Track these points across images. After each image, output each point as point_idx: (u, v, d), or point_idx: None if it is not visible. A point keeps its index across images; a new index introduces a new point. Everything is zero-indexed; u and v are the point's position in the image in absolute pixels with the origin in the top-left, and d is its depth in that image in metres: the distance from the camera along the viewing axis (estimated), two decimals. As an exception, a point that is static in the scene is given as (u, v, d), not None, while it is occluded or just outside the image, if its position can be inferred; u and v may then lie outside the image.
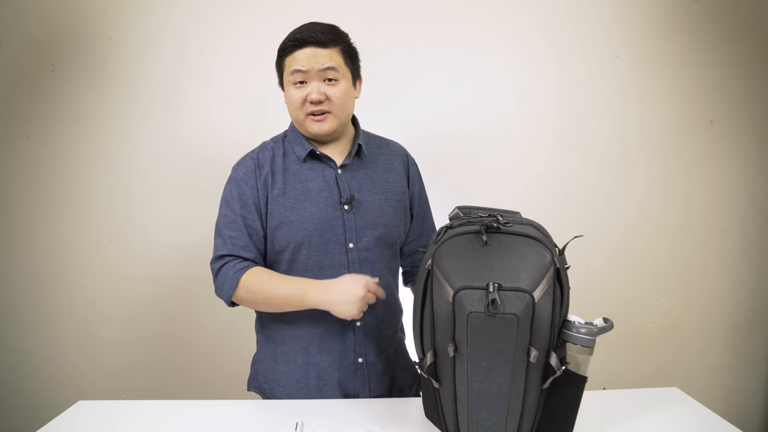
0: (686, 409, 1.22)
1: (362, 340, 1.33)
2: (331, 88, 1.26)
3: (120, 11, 2.09)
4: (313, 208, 1.28)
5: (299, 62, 1.24)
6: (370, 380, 1.35)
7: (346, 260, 1.29)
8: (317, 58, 1.24)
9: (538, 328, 0.90)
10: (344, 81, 1.27)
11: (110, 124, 2.13)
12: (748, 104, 2.25)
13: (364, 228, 1.30)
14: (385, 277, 1.33)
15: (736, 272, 2.32)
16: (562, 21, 2.17)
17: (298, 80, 1.25)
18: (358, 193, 1.31)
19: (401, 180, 1.40)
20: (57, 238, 2.16)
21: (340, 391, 1.33)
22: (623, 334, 2.24)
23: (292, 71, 1.25)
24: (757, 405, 2.39)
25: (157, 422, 1.20)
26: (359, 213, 1.30)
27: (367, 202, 1.32)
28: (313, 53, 1.24)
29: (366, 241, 1.31)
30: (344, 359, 1.32)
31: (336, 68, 1.25)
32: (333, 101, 1.26)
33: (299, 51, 1.24)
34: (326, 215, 1.28)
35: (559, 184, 2.23)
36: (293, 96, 1.27)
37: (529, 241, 0.95)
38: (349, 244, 1.29)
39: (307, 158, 1.32)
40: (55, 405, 1.59)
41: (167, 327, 2.21)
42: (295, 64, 1.25)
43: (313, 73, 1.24)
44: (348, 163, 1.33)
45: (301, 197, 1.28)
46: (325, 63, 1.24)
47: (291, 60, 1.26)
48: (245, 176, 1.30)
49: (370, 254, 1.31)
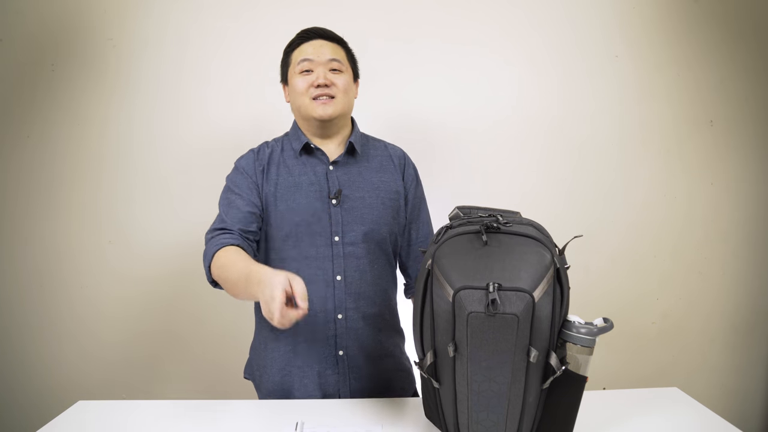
0: (686, 409, 1.22)
1: (344, 333, 1.33)
2: (336, 76, 1.33)
3: (120, 11, 2.09)
4: (302, 200, 1.32)
5: (307, 52, 1.33)
6: (350, 374, 1.35)
7: (330, 252, 1.32)
8: (324, 49, 1.33)
9: (538, 328, 0.90)
10: (347, 74, 1.36)
11: (110, 123, 2.13)
12: (748, 104, 2.25)
13: (351, 223, 1.33)
14: (371, 273, 1.35)
15: (737, 272, 2.32)
16: (562, 21, 2.17)
17: (305, 69, 1.32)
18: (348, 189, 1.34)
19: (395, 180, 1.41)
20: (57, 238, 2.16)
21: (319, 384, 1.33)
22: (623, 334, 2.24)
23: (299, 61, 1.33)
24: (757, 405, 2.39)
25: (157, 422, 1.20)
26: (346, 208, 1.33)
27: (355, 198, 1.34)
28: (320, 44, 1.34)
29: (352, 235, 1.33)
30: (325, 351, 1.34)
31: (341, 61, 1.35)
32: (338, 87, 1.33)
33: (307, 43, 1.34)
34: (313, 207, 1.31)
35: (559, 184, 2.23)
36: (299, 82, 1.33)
37: (529, 241, 0.95)
38: (335, 237, 1.32)
39: (302, 153, 1.36)
40: (55, 405, 1.58)
41: (167, 327, 2.21)
42: (302, 54, 1.33)
43: (320, 62, 1.32)
44: (340, 159, 1.36)
45: (292, 189, 1.32)
46: (331, 54, 1.33)
47: (298, 52, 1.35)
48: (246, 164, 1.36)
49: (356, 249, 1.33)
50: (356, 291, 1.33)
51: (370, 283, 1.35)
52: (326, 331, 1.33)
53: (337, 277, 1.32)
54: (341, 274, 1.32)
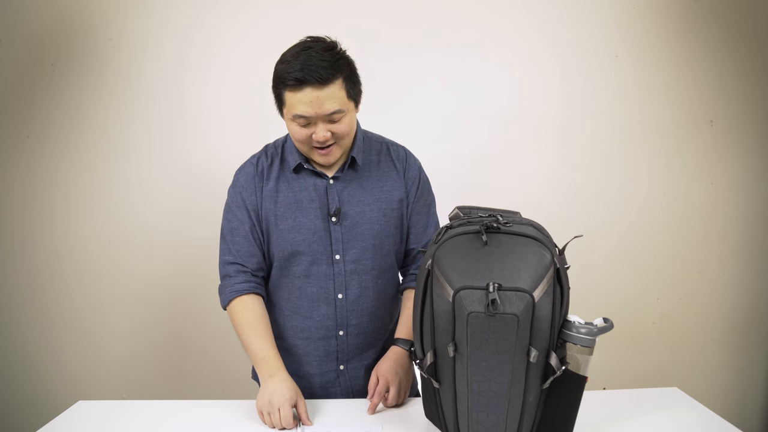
0: (686, 409, 1.22)
1: (345, 347, 1.34)
2: (336, 125, 1.20)
3: (120, 11, 2.09)
4: (303, 219, 1.29)
5: (301, 107, 1.16)
6: (352, 388, 1.36)
7: (332, 271, 1.30)
8: (320, 102, 1.15)
9: (538, 328, 0.90)
10: (349, 112, 1.21)
11: (110, 123, 2.13)
12: (748, 104, 2.25)
13: (351, 240, 1.30)
14: (373, 289, 1.33)
15: (736, 272, 2.32)
16: (562, 21, 2.17)
17: (302, 124, 1.19)
18: (348, 205, 1.30)
19: (398, 187, 1.35)
20: (57, 238, 2.16)
21: (321, 397, 1.34)
22: (623, 334, 2.24)
23: (293, 115, 1.18)
24: (757, 405, 2.39)
25: (157, 422, 1.20)
26: (346, 225, 1.30)
27: (356, 214, 1.30)
28: (315, 96, 1.14)
29: (354, 253, 1.30)
30: (326, 365, 1.34)
31: (340, 109, 1.18)
32: (339, 135, 1.21)
33: (300, 93, 1.15)
34: (315, 226, 1.29)
35: (559, 184, 2.23)
36: (297, 132, 1.21)
37: (529, 241, 0.95)
38: (336, 256, 1.30)
39: (300, 167, 1.31)
40: (55, 405, 1.59)
41: (167, 327, 2.21)
42: (296, 108, 1.16)
43: (318, 117, 1.17)
44: (340, 175, 1.31)
45: (293, 207, 1.29)
46: (329, 108, 1.16)
47: (292, 99, 1.16)
48: (245, 183, 1.31)
49: (358, 266, 1.31)
50: (358, 308, 1.32)
51: (373, 298, 1.33)
52: (327, 348, 1.33)
53: (339, 295, 1.30)
54: (342, 293, 1.31)
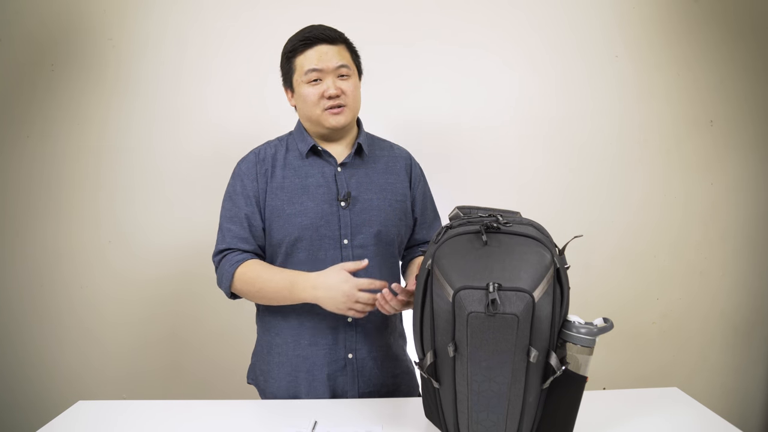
0: (686, 409, 1.22)
1: (353, 335, 1.34)
2: (345, 82, 1.30)
3: (120, 11, 2.09)
4: (310, 203, 1.30)
5: (313, 61, 1.28)
6: (359, 377, 1.35)
7: (339, 256, 1.31)
8: (330, 56, 1.29)
9: (538, 328, 0.90)
10: (354, 76, 1.33)
11: (110, 123, 2.13)
12: (748, 104, 2.25)
13: (359, 225, 1.32)
14: (380, 275, 1.33)
15: (737, 272, 2.32)
16: (562, 21, 2.17)
17: (313, 78, 1.29)
18: (356, 191, 1.33)
19: (402, 182, 1.41)
20: (57, 238, 2.16)
21: (328, 387, 1.33)
22: (623, 334, 2.24)
23: (306, 71, 1.28)
24: (757, 405, 2.39)
25: (157, 422, 1.20)
26: (355, 210, 1.32)
27: (364, 200, 1.33)
28: (325, 51, 1.29)
29: (361, 238, 1.32)
30: (334, 354, 1.34)
31: (347, 65, 1.31)
32: (348, 95, 1.30)
33: (310, 50, 1.29)
34: (322, 210, 1.30)
35: (559, 184, 2.23)
36: (309, 93, 1.30)
37: (529, 241, 0.95)
38: (344, 240, 1.31)
39: (309, 155, 1.35)
40: (55, 405, 1.59)
41: (167, 327, 2.21)
42: (308, 63, 1.29)
43: (328, 70, 1.29)
44: (348, 161, 1.35)
45: (299, 192, 1.31)
46: (338, 61, 1.29)
47: (303, 59, 1.30)
48: (246, 170, 1.34)
49: (365, 251, 1.33)
50: None
51: None
52: (335, 335, 1.33)
53: None
54: None
